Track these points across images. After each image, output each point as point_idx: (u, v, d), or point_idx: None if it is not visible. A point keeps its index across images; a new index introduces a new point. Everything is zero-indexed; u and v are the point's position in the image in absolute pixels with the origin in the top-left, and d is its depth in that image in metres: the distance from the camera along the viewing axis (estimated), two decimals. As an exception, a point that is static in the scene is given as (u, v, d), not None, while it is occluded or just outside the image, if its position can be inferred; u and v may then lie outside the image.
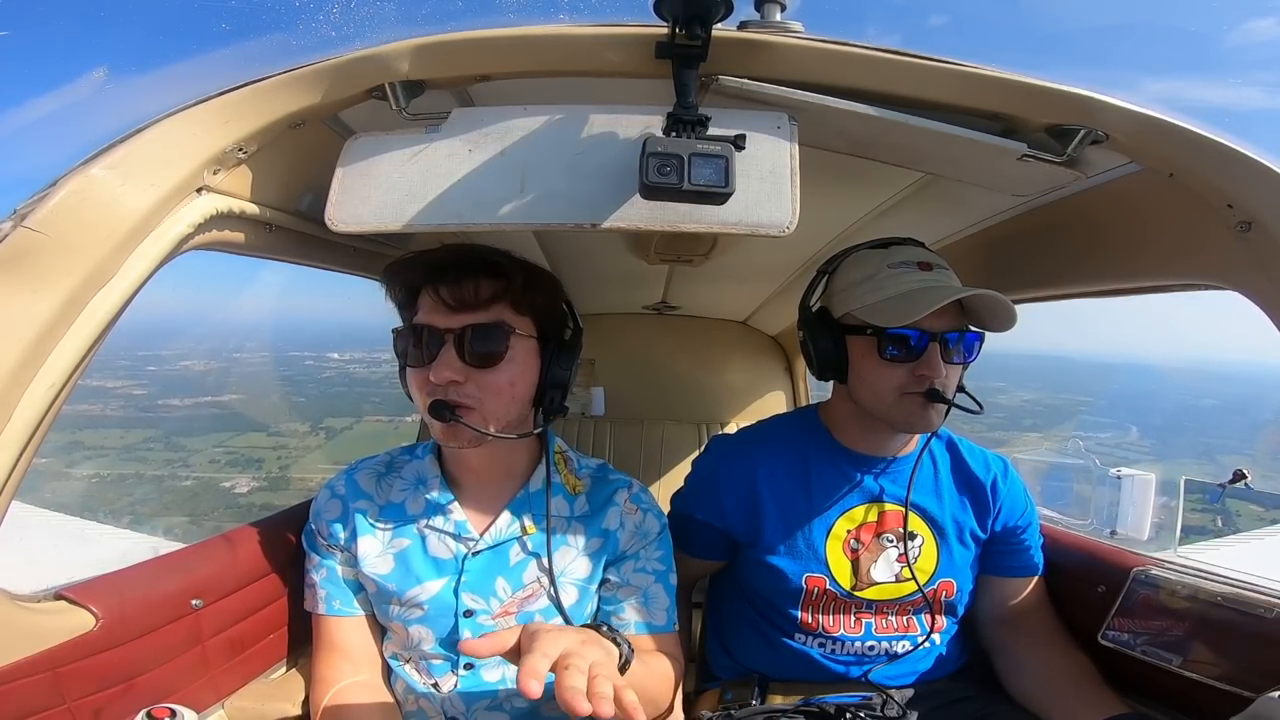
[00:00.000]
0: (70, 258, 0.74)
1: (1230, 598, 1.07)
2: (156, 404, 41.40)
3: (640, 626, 1.07)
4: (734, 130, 0.81)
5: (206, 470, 32.16)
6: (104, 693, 0.87)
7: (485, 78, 0.87)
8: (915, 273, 1.12)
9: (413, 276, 1.00)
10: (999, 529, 1.27)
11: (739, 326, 3.07)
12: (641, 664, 0.95)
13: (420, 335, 0.97)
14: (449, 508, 1.06)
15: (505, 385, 0.98)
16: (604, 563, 1.08)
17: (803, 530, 1.21)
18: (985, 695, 1.24)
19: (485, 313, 0.97)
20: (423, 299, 0.99)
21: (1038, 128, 0.91)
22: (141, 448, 34.55)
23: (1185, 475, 2.15)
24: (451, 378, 0.94)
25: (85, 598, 0.86)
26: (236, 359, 57.93)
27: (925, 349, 1.09)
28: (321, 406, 39.85)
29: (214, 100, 0.83)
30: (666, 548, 1.13)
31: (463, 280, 0.96)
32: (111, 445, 34.18)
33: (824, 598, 1.21)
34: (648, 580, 1.09)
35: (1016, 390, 43.12)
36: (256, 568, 1.11)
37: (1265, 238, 0.85)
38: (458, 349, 0.95)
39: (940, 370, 1.09)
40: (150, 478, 31.37)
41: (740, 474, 1.25)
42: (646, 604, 1.08)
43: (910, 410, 1.12)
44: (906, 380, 1.11)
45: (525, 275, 1.01)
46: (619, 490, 1.11)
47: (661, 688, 1.05)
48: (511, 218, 0.86)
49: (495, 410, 0.98)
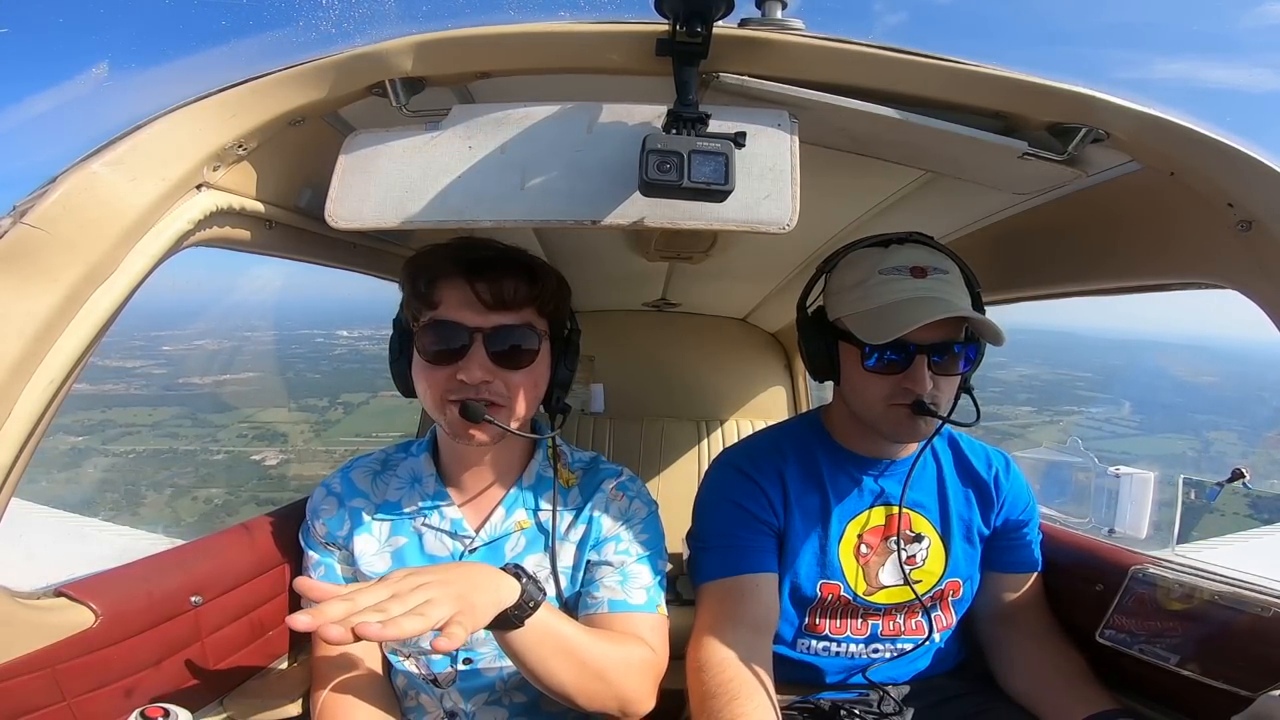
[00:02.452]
0: (70, 254, 0.74)
1: (1228, 597, 1.07)
2: (178, 382, 42.28)
3: (612, 605, 1.03)
4: (734, 128, 0.81)
5: (235, 444, 33.00)
6: (103, 689, 0.87)
7: (485, 75, 0.87)
8: (906, 280, 1.08)
9: (448, 268, 0.97)
10: (1001, 524, 1.27)
11: (739, 324, 3.07)
12: (573, 625, 0.94)
13: (444, 332, 0.96)
14: (445, 505, 1.07)
15: (529, 385, 1.00)
16: (587, 549, 1.07)
17: (820, 536, 1.19)
18: (981, 692, 1.24)
19: (517, 314, 0.97)
20: (448, 293, 0.96)
21: (1038, 126, 0.91)
22: (171, 424, 35.37)
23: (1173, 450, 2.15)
24: (484, 378, 0.94)
25: (85, 595, 0.86)
26: (249, 338, 58.43)
27: (912, 361, 1.07)
28: (337, 382, 40.60)
29: (214, 97, 0.83)
30: (654, 532, 1.10)
31: (503, 279, 0.96)
32: (141, 423, 34.98)
33: (837, 603, 1.20)
34: (628, 559, 1.06)
35: (1016, 365, 43.31)
36: (255, 565, 1.11)
37: (1265, 237, 0.85)
38: (487, 348, 0.95)
39: (925, 384, 1.06)
40: (183, 452, 32.26)
41: (770, 472, 1.20)
42: (624, 582, 1.04)
43: (896, 421, 1.10)
44: (893, 391, 1.08)
45: (554, 280, 1.02)
46: (606, 479, 1.11)
47: (608, 658, 0.95)
48: (512, 214, 0.86)
49: (519, 410, 0.99)
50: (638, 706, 0.99)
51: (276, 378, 42.88)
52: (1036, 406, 42.24)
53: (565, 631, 0.91)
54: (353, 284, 1.69)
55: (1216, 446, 38.08)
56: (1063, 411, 43.58)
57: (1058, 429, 39.74)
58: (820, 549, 1.19)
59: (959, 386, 1.14)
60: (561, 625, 0.91)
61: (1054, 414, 42.38)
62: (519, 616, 0.84)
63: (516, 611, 0.83)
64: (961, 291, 1.11)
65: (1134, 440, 37.64)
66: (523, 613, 0.84)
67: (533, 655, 0.88)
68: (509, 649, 0.88)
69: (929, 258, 1.11)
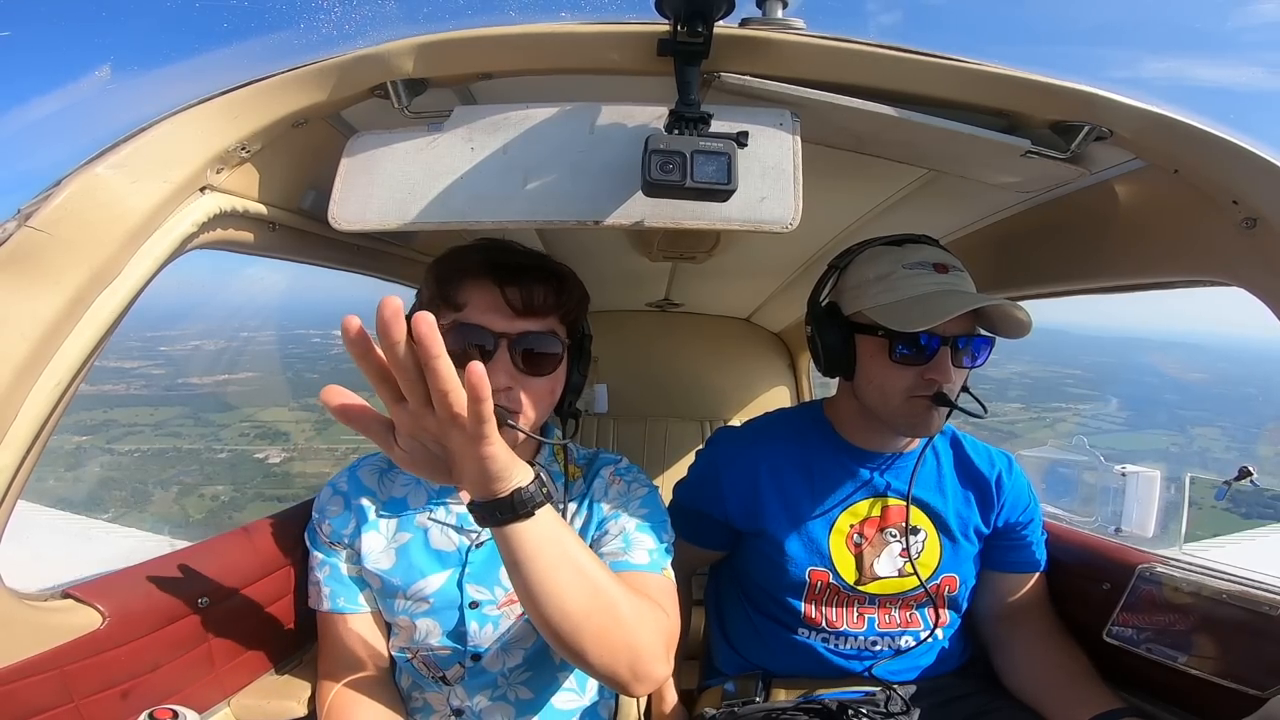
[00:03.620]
0: (74, 257, 0.74)
1: (1236, 595, 1.07)
2: (177, 383, 42.77)
3: (615, 565, 0.97)
4: (736, 127, 0.81)
5: (238, 443, 33.27)
6: (110, 691, 0.87)
7: (487, 76, 0.87)
8: (931, 275, 1.11)
9: (478, 271, 0.95)
10: (1002, 524, 1.27)
11: (742, 323, 3.07)
12: (587, 550, 0.83)
13: (469, 335, 0.94)
14: (451, 500, 1.07)
15: (548, 392, 0.99)
16: (589, 534, 1.06)
17: (806, 524, 1.22)
18: (988, 691, 1.24)
19: (543, 321, 0.96)
20: (474, 295, 0.95)
21: (1041, 124, 0.91)
22: (173, 424, 35.61)
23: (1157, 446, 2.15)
24: (507, 384, 0.93)
25: (92, 596, 0.87)
26: (246, 338, 58.80)
27: (936, 352, 1.09)
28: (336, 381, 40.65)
29: (217, 99, 0.83)
30: (654, 505, 1.08)
31: (534, 285, 0.95)
32: (144, 422, 35.23)
33: (827, 591, 1.22)
34: (629, 527, 1.03)
35: (1008, 364, 43.51)
36: (261, 566, 1.11)
37: (1270, 234, 0.85)
38: (510, 354, 0.94)
39: (950, 374, 1.09)
40: (187, 451, 32.53)
41: (743, 465, 1.26)
42: (626, 547, 1.00)
43: (915, 412, 1.12)
44: (915, 383, 1.10)
45: (579, 290, 1.02)
46: (605, 467, 1.12)
47: (622, 593, 0.83)
48: (514, 215, 0.86)
49: (538, 415, 0.99)
50: (650, 666, 0.84)
51: (275, 378, 43.27)
52: (1025, 404, 42.33)
53: (575, 543, 0.80)
54: (352, 285, 1.69)
55: (1199, 442, 38.57)
56: (1050, 408, 43.74)
57: (1043, 425, 39.97)
58: (808, 535, 1.21)
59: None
60: (572, 535, 0.81)
61: (1041, 410, 42.56)
62: (531, 500, 0.73)
63: (527, 494, 0.72)
64: (974, 289, 1.14)
65: (1119, 436, 37.84)
66: (535, 498, 0.73)
67: (540, 561, 0.75)
68: (512, 552, 0.75)
69: (947, 257, 1.15)
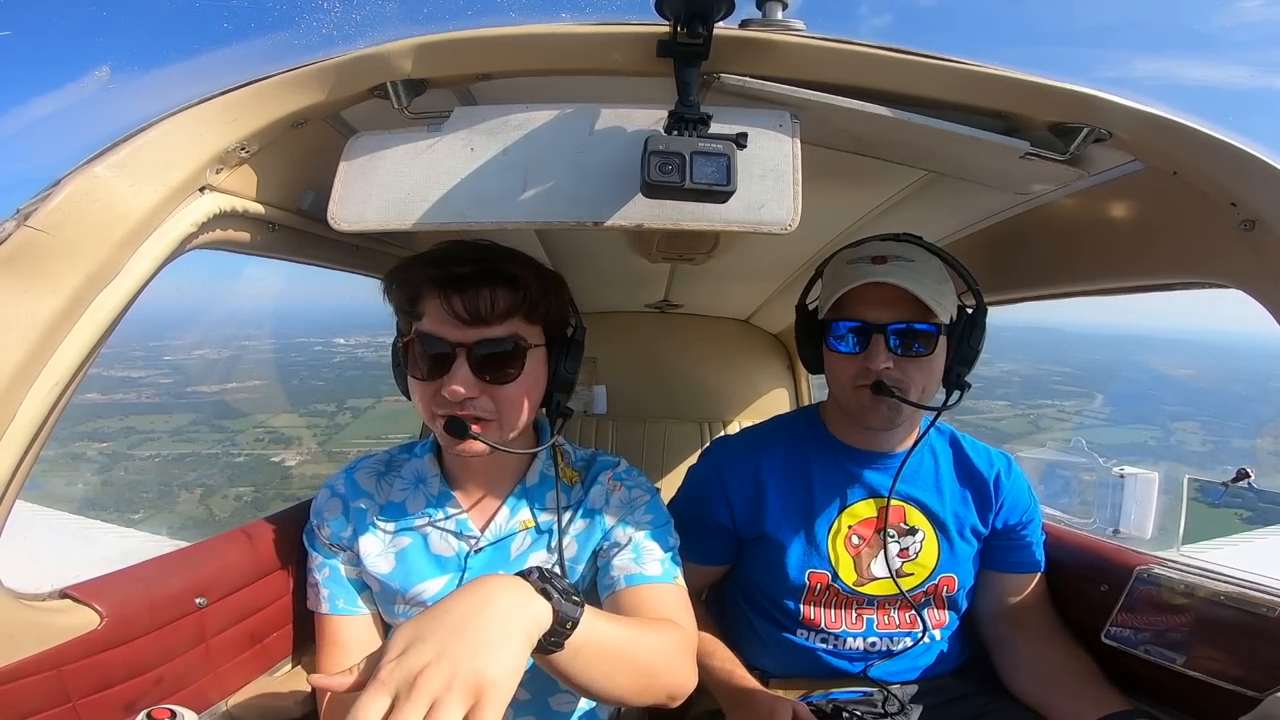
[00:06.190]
0: (73, 257, 0.74)
1: (1233, 597, 1.07)
2: (186, 390, 43.03)
3: (629, 579, 0.99)
4: (736, 128, 0.81)
5: (254, 447, 33.75)
6: (108, 691, 0.87)
7: (487, 76, 0.87)
8: (866, 266, 1.12)
9: (421, 282, 0.94)
10: (1000, 525, 1.27)
11: (741, 325, 3.07)
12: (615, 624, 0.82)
13: (428, 346, 0.93)
14: (449, 506, 1.06)
15: (520, 398, 0.97)
16: (593, 541, 1.06)
17: (805, 526, 1.22)
18: (987, 692, 1.24)
19: (500, 327, 0.93)
20: (429, 306, 0.94)
21: (1040, 126, 0.91)
22: (188, 430, 36.09)
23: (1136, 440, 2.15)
24: (466, 395, 0.92)
25: (90, 596, 0.86)
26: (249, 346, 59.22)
27: (870, 341, 1.11)
28: (341, 388, 41.48)
29: (216, 99, 0.83)
30: (657, 511, 1.09)
31: (479, 293, 0.92)
32: (160, 429, 35.70)
33: (826, 593, 1.22)
34: (637, 536, 1.03)
35: (999, 362, 43.84)
36: (260, 566, 1.11)
37: (1269, 236, 0.85)
38: (470, 364, 0.92)
39: (879, 362, 1.10)
40: (206, 455, 33.05)
41: (745, 471, 1.26)
42: (638, 558, 1.02)
43: (862, 403, 1.15)
44: (857, 373, 1.13)
45: (540, 285, 0.97)
46: (604, 470, 1.11)
47: (653, 650, 0.88)
48: (514, 216, 0.86)
49: (512, 422, 0.97)
50: (683, 691, 0.92)
51: (281, 385, 43.63)
52: (1011, 401, 42.60)
53: (608, 635, 0.80)
54: (354, 288, 1.68)
55: (1177, 436, 39.13)
56: (1035, 405, 43.99)
57: (1027, 421, 40.22)
58: (808, 538, 1.22)
59: (947, 376, 1.15)
60: (603, 630, 0.79)
61: (1027, 407, 42.84)
62: (557, 642, 0.72)
63: (554, 638, 0.72)
64: (927, 280, 1.12)
65: (1099, 431, 38.24)
66: (561, 637, 0.72)
67: (578, 670, 0.77)
68: (552, 670, 0.77)
69: (898, 249, 1.15)
